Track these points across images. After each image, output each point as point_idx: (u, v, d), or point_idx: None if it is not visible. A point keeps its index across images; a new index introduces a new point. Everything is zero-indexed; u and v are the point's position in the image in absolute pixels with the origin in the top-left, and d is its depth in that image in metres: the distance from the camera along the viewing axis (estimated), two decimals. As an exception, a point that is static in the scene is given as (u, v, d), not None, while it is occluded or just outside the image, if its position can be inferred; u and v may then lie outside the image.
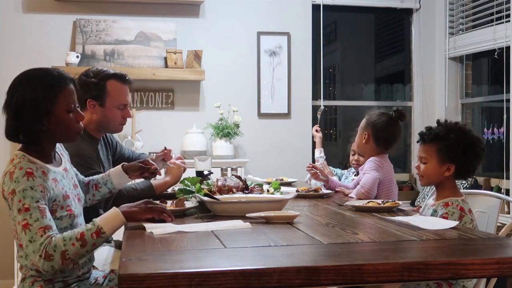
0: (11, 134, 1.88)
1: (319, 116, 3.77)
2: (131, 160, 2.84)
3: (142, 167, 2.31)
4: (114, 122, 2.61)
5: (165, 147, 2.74)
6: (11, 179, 1.78)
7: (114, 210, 1.84)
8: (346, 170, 3.45)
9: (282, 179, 3.47)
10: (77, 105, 1.94)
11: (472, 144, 2.23)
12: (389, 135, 2.90)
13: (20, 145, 1.92)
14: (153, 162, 2.40)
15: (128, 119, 2.69)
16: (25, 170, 1.79)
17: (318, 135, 3.60)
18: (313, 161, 3.72)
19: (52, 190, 1.84)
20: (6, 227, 4.08)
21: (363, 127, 2.94)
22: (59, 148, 2.04)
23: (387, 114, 2.93)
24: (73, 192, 1.98)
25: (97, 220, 1.80)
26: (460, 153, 2.21)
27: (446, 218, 2.12)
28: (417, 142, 2.35)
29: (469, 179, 3.98)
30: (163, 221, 1.93)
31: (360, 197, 2.66)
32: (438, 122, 2.31)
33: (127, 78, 2.63)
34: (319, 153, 3.51)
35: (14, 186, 1.77)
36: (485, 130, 4.44)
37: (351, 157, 3.38)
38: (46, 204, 1.79)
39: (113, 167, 2.59)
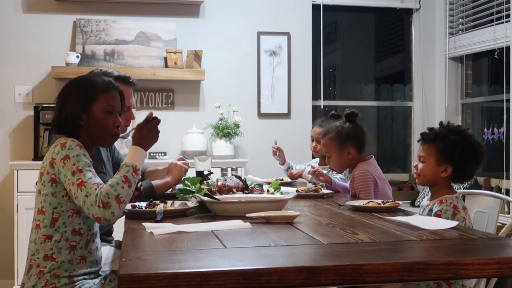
0: (56, 126, 2.03)
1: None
2: None
3: None
4: None
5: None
6: (63, 147, 1.90)
7: (133, 148, 2.02)
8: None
9: (282, 179, 3.47)
10: (119, 111, 2.09)
11: (472, 147, 2.23)
12: (363, 136, 2.81)
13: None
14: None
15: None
16: (77, 143, 1.92)
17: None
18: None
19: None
20: (6, 227, 4.08)
21: (338, 144, 2.77)
22: None
23: (341, 119, 2.83)
24: None
25: (127, 161, 1.95)
26: (458, 155, 2.22)
27: (439, 216, 2.14)
28: (418, 141, 2.36)
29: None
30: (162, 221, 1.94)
31: None
32: (440, 123, 2.32)
33: (131, 80, 2.65)
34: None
35: (67, 152, 1.89)
36: (485, 130, 4.45)
37: (311, 144, 3.54)
38: None
39: (112, 169, 2.62)
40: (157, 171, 2.87)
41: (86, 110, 2.00)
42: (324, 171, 3.29)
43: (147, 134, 2.07)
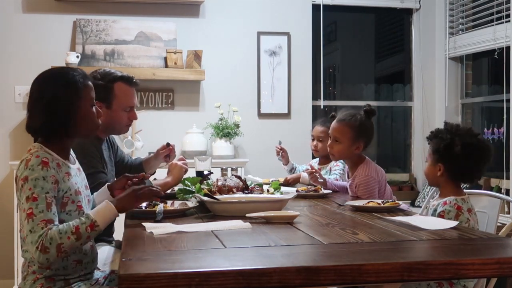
0: (37, 129, 1.91)
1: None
2: (130, 165, 2.87)
3: (128, 178, 2.24)
4: (120, 124, 2.62)
5: (168, 143, 2.81)
6: (26, 166, 1.82)
7: (106, 203, 1.87)
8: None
9: (278, 180, 3.46)
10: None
11: (462, 145, 2.20)
12: (372, 137, 2.76)
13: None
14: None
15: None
16: (41, 159, 1.82)
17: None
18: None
19: (64, 183, 1.87)
20: (6, 227, 4.08)
21: (354, 135, 2.66)
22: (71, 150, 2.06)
23: (359, 114, 2.72)
24: (84, 192, 2.01)
25: (90, 214, 1.83)
26: (447, 153, 2.21)
27: (442, 216, 2.14)
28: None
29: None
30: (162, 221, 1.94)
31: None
32: (444, 123, 2.33)
33: (134, 80, 2.64)
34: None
35: (27, 173, 1.80)
36: (485, 130, 4.44)
37: (311, 143, 3.52)
38: (55, 196, 1.82)
39: (114, 169, 2.61)
40: (150, 158, 2.97)
41: (77, 108, 1.92)
42: (323, 172, 3.30)
43: (134, 202, 1.94)
